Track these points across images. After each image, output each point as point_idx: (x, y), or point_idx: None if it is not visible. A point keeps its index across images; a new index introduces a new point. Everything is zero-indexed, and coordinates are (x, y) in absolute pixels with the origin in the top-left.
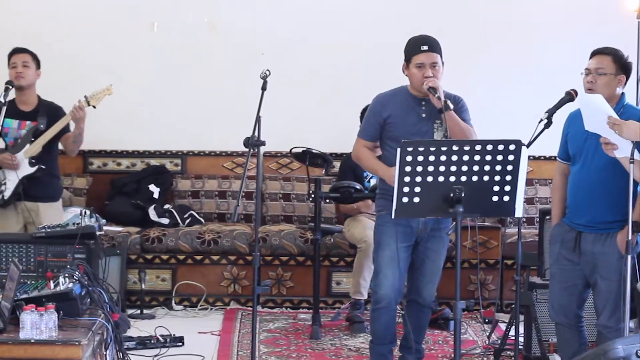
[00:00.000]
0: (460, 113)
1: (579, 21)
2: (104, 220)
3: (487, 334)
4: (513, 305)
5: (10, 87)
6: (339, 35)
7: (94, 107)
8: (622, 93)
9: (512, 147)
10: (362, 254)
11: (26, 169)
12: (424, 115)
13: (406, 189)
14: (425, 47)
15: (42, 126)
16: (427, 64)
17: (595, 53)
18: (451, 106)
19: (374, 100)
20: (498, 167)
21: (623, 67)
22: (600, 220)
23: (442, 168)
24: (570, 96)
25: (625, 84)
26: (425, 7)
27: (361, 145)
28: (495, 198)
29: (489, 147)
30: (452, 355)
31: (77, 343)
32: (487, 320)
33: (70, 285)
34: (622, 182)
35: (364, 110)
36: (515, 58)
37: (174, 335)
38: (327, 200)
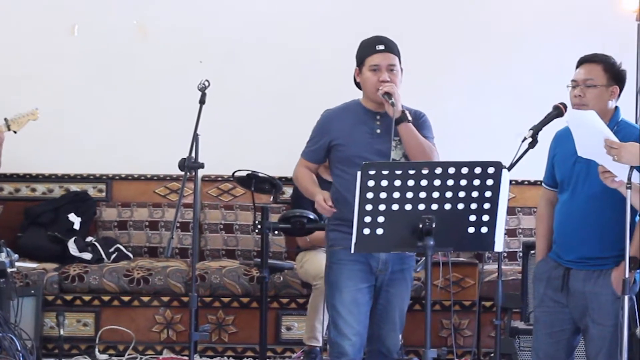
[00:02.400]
0: (420, 129)
1: (569, 23)
2: (16, 256)
3: None
4: (492, 354)
5: None
6: (290, 41)
7: (15, 132)
8: (616, 107)
9: (491, 170)
10: (317, 293)
11: None
12: (378, 131)
13: (368, 219)
14: (382, 47)
15: None
16: (384, 66)
17: (582, 61)
18: (410, 118)
19: (321, 116)
20: (475, 194)
21: (615, 76)
22: (592, 255)
23: (409, 194)
24: (559, 111)
25: (619, 96)
26: (387, 7)
27: (301, 164)
28: (471, 229)
29: (464, 170)
30: None
31: None
32: None
33: None
34: (617, 212)
35: None
36: (494, 66)
37: None
38: (276, 232)
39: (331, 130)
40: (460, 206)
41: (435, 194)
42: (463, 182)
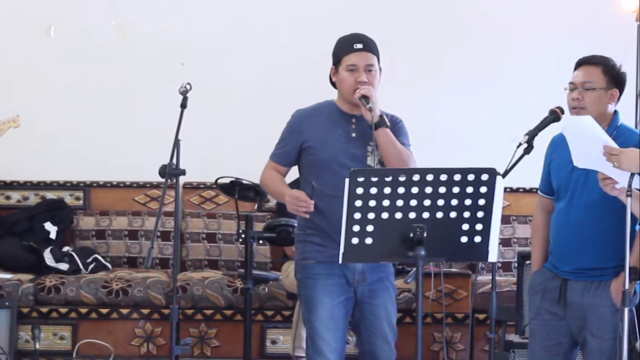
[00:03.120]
0: (397, 136)
1: (566, 24)
2: None
3: None
4: None
5: None
6: (275, 42)
7: None
8: (615, 111)
9: (484, 177)
10: None
11: None
12: (354, 135)
13: (356, 228)
14: (359, 46)
15: None
16: (361, 66)
17: (581, 63)
18: (387, 123)
19: (292, 116)
20: (468, 202)
21: (615, 79)
22: (590, 266)
23: (399, 202)
24: (555, 115)
25: (619, 99)
26: (375, 7)
27: (269, 167)
28: (464, 239)
29: (457, 177)
30: None
31: None
32: None
33: None
34: (617, 221)
35: None
36: (488, 68)
37: None
38: (261, 242)
39: (303, 131)
40: (453, 214)
41: (427, 202)
42: (455, 190)
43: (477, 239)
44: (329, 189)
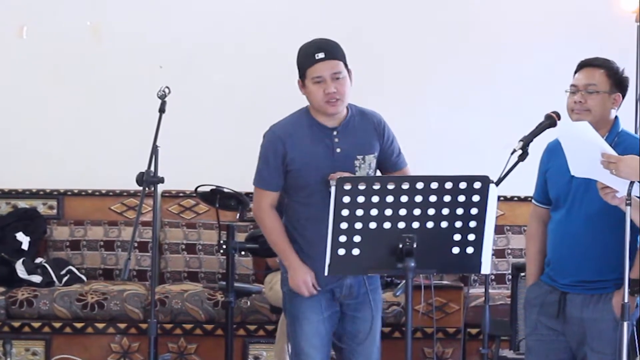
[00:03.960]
0: (389, 145)
1: (562, 25)
2: None
3: None
4: None
5: None
6: (259, 44)
7: None
8: (616, 117)
9: (477, 185)
10: None
11: None
12: (338, 150)
13: (343, 238)
14: (321, 55)
15: None
16: (327, 76)
17: (583, 65)
18: None
19: (267, 135)
20: (460, 211)
21: (618, 83)
22: (590, 278)
23: (388, 212)
24: (551, 120)
25: (620, 104)
26: (360, 8)
27: (265, 201)
28: (456, 250)
29: (448, 185)
30: None
31: None
32: None
33: None
34: (619, 231)
35: None
36: (480, 72)
37: None
38: (243, 253)
39: (286, 150)
40: (444, 224)
41: (417, 211)
42: (447, 198)
43: (470, 249)
44: (320, 212)
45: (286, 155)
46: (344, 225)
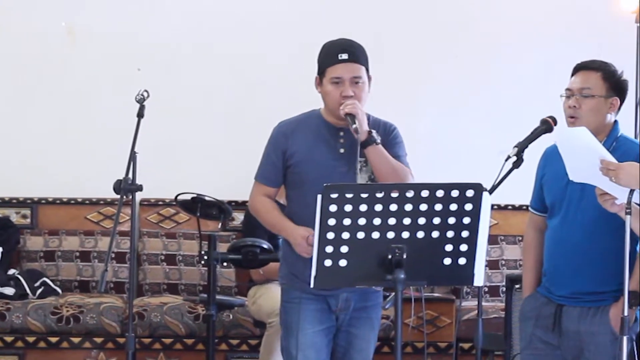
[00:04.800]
0: (391, 147)
1: (559, 26)
2: None
3: None
4: None
5: None
6: (243, 46)
7: None
8: (615, 121)
9: (470, 193)
10: (272, 332)
11: None
12: (342, 150)
13: (329, 249)
14: (345, 56)
15: None
16: (347, 79)
17: (579, 68)
18: (377, 139)
19: (274, 130)
20: (451, 220)
21: (616, 86)
22: (588, 290)
23: (377, 221)
24: (547, 125)
25: (619, 109)
26: (349, 8)
27: (260, 192)
28: (447, 261)
29: (440, 193)
30: None
31: None
32: None
33: None
34: (617, 240)
35: None
36: (473, 74)
37: None
38: (225, 264)
39: (288, 146)
40: (435, 234)
41: (407, 221)
42: (438, 207)
43: (462, 260)
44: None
45: (287, 150)
46: (330, 235)
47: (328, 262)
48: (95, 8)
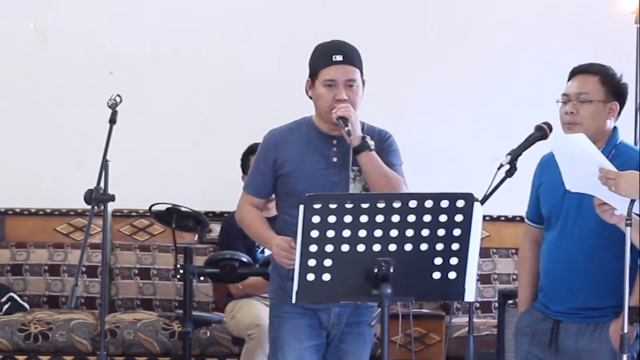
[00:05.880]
0: (385, 155)
1: (553, 27)
2: None
3: None
4: None
5: None
6: (221, 47)
7: None
8: (614, 127)
9: (460, 203)
10: (252, 345)
11: None
12: (335, 159)
13: (312, 262)
14: (339, 58)
15: None
16: (341, 81)
17: (576, 72)
18: (371, 145)
19: (264, 138)
20: (441, 232)
21: (615, 91)
22: (586, 305)
23: (362, 233)
24: (542, 132)
25: (619, 114)
26: (331, 9)
27: (246, 202)
28: (437, 275)
29: (429, 204)
30: None
31: None
32: None
33: None
34: (616, 253)
35: (247, 153)
36: (464, 79)
37: None
38: (202, 278)
39: (278, 155)
40: (424, 247)
41: (394, 232)
42: (427, 218)
43: (452, 275)
44: None
45: (277, 160)
46: (313, 248)
47: (311, 276)
48: (66, 8)
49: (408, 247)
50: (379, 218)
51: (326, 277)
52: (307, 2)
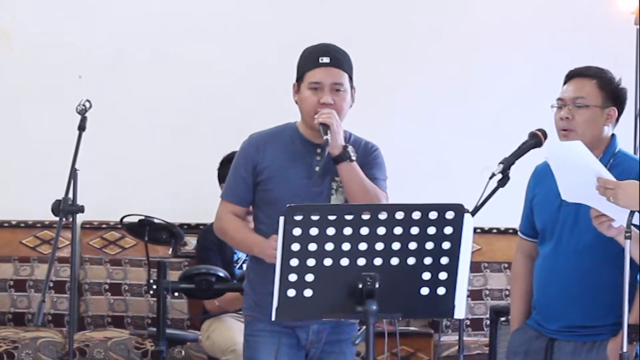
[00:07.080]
0: (369, 168)
1: (548, 28)
2: None
3: None
4: None
5: None
6: (194, 51)
7: None
8: (613, 135)
9: (449, 214)
10: None
11: None
12: (317, 168)
13: (293, 277)
14: (326, 60)
15: None
16: (327, 84)
17: (572, 76)
18: (353, 156)
19: (244, 143)
20: (429, 245)
21: (613, 95)
22: (582, 323)
23: (346, 246)
24: (536, 140)
25: (617, 120)
26: (314, 10)
27: (227, 210)
28: (425, 290)
29: (416, 215)
30: None
31: None
32: None
33: None
34: (613, 268)
35: (225, 161)
36: (453, 84)
37: None
38: (176, 294)
39: (258, 160)
40: (411, 261)
41: (379, 246)
42: (414, 231)
43: (441, 290)
44: None
45: (257, 165)
46: (294, 262)
47: (291, 292)
48: (32, 9)
49: (394, 261)
50: (364, 230)
51: (308, 293)
52: (287, 2)
